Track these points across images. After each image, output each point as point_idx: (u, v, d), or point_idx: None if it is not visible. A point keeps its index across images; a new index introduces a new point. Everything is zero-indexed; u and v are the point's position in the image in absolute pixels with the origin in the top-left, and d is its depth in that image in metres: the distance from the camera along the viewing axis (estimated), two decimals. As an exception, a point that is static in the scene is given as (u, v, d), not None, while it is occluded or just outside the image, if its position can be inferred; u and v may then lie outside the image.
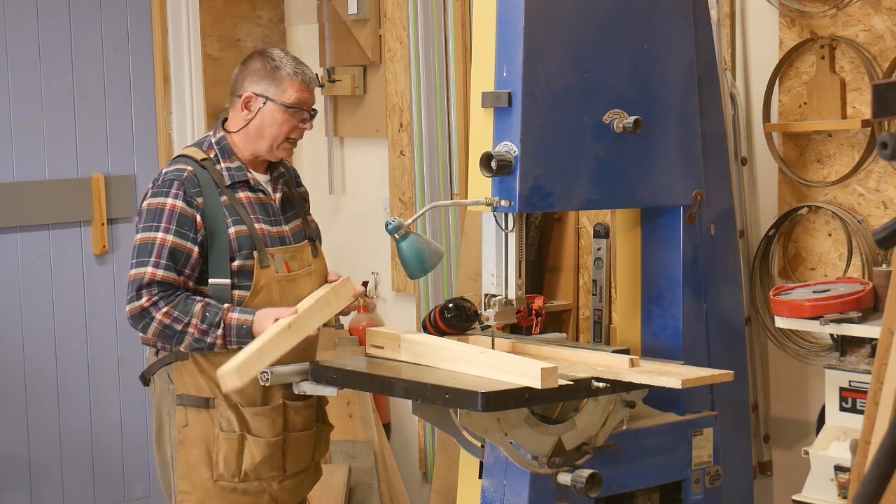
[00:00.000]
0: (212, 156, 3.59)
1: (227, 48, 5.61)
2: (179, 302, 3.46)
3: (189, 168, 3.54)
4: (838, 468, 3.45)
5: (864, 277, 3.79)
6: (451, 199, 4.98)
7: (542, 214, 4.57)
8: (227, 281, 3.52)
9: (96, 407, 5.40)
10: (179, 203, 3.49)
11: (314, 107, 3.67)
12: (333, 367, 3.34)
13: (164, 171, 3.60)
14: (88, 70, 5.35)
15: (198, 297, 3.49)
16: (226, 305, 3.48)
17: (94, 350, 5.40)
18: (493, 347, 3.29)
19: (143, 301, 3.45)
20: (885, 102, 2.71)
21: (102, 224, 5.37)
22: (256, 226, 3.56)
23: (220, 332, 3.44)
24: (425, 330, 3.46)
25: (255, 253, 3.53)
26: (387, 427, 5.36)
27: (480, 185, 3.28)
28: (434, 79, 5.00)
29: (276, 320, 3.42)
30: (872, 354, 3.39)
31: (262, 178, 3.65)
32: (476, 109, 3.31)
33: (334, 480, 4.82)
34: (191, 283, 3.52)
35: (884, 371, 2.88)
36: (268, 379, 3.33)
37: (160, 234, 3.48)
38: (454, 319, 3.40)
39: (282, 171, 3.71)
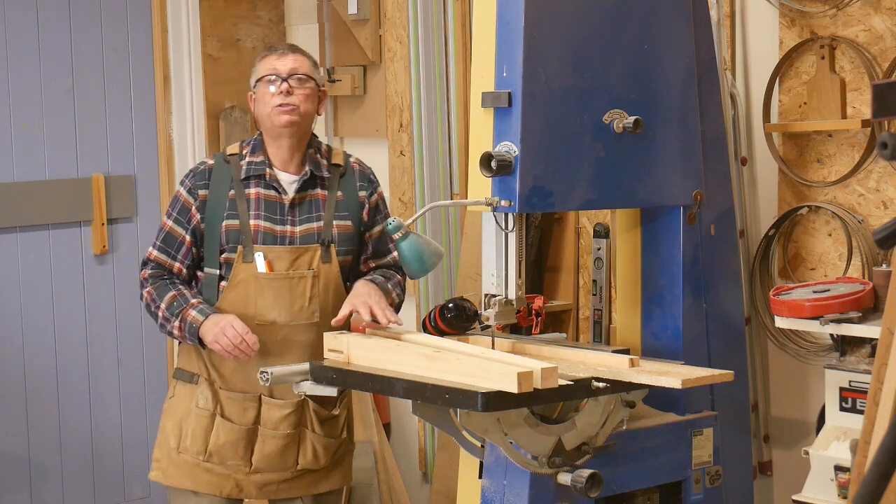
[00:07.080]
0: (244, 151, 3.71)
1: (227, 48, 5.61)
2: (161, 286, 3.65)
3: (210, 162, 3.72)
4: (838, 468, 3.45)
5: (864, 277, 3.79)
6: (451, 199, 4.98)
7: (542, 214, 4.56)
8: (216, 271, 3.66)
9: (96, 407, 5.40)
10: (185, 193, 3.69)
11: (298, 71, 3.64)
12: (333, 366, 3.34)
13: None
14: (88, 70, 5.35)
15: (178, 284, 3.66)
16: (193, 300, 3.61)
17: (94, 350, 5.39)
18: (493, 347, 3.29)
19: (141, 274, 3.71)
20: (885, 102, 2.71)
21: (102, 224, 5.37)
22: (252, 222, 3.62)
23: (177, 323, 3.60)
24: (425, 330, 3.46)
25: (239, 247, 3.61)
26: (387, 427, 5.36)
27: (480, 185, 3.27)
28: (434, 79, 4.99)
29: (223, 328, 3.51)
30: (872, 354, 3.39)
31: (286, 178, 3.68)
32: (476, 109, 3.31)
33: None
34: (184, 270, 3.70)
35: (884, 371, 2.88)
36: (268, 379, 3.33)
37: (165, 219, 3.72)
38: (454, 319, 3.40)
39: (305, 171, 3.69)
